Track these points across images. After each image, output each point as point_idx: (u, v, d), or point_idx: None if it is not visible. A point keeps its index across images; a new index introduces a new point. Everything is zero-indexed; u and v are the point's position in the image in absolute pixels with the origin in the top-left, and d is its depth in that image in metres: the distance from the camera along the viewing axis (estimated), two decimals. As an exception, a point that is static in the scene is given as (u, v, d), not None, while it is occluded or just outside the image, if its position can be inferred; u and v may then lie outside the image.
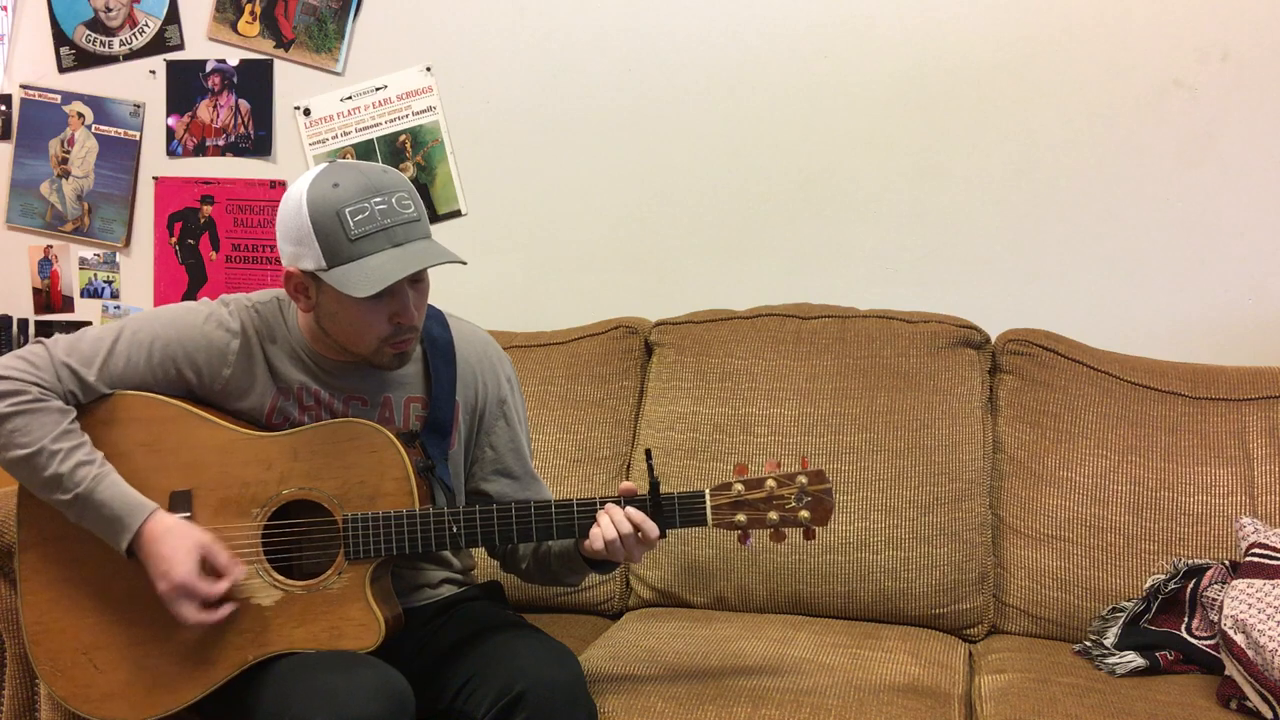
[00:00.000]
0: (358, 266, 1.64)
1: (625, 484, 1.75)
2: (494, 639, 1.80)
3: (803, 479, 1.73)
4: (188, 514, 1.75)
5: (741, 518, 1.73)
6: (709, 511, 1.73)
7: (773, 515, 1.73)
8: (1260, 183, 2.54)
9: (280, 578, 1.75)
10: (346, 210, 1.64)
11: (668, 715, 1.81)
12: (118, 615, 1.77)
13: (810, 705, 1.83)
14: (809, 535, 1.74)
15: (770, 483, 1.73)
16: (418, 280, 1.74)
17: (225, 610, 1.71)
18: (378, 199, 1.66)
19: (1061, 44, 2.58)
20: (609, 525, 1.70)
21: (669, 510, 1.73)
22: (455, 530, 1.74)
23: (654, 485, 1.73)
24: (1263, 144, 2.53)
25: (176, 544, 1.69)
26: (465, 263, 1.71)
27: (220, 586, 1.70)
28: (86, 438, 1.73)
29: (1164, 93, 2.56)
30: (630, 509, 1.72)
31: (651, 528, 1.71)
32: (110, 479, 1.70)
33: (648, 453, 1.80)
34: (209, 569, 1.71)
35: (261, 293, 1.86)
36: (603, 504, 1.73)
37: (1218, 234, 2.57)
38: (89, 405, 1.76)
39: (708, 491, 1.73)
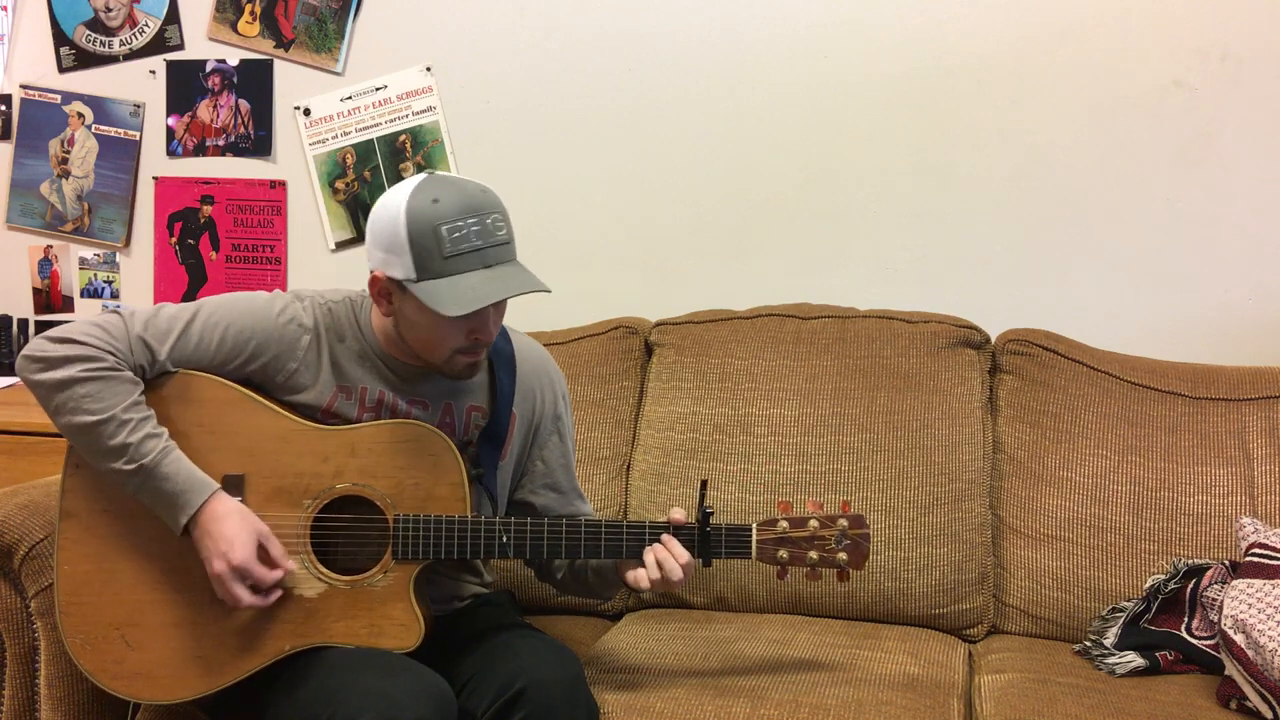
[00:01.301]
0: (449, 284, 1.66)
1: (676, 511, 1.78)
2: (495, 639, 1.81)
3: (844, 522, 1.80)
4: (239, 499, 1.76)
5: (784, 554, 1.80)
6: (754, 546, 1.79)
7: (813, 555, 1.80)
8: (1260, 183, 2.54)
9: (325, 571, 1.76)
10: (444, 227, 1.66)
11: (668, 715, 1.81)
12: (155, 595, 1.77)
13: (809, 705, 1.83)
14: (843, 577, 1.82)
15: (813, 523, 1.80)
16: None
17: (274, 597, 1.73)
18: (474, 219, 1.68)
19: (1061, 44, 2.58)
20: (654, 566, 1.75)
21: (715, 541, 1.78)
22: (505, 540, 1.76)
23: (705, 516, 1.77)
24: (1263, 144, 2.53)
25: (239, 527, 1.70)
26: (549, 290, 1.74)
27: (276, 574, 1.72)
28: (153, 412, 1.73)
29: (1164, 93, 2.56)
30: (675, 545, 1.75)
31: (683, 556, 1.75)
32: (175, 454, 1.71)
33: (703, 484, 1.82)
34: (262, 558, 1.72)
35: (335, 291, 1.88)
36: (652, 529, 1.76)
37: (1218, 234, 2.57)
38: (153, 381, 1.77)
39: (755, 526, 1.79)
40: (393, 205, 1.69)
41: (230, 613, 1.75)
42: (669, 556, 1.74)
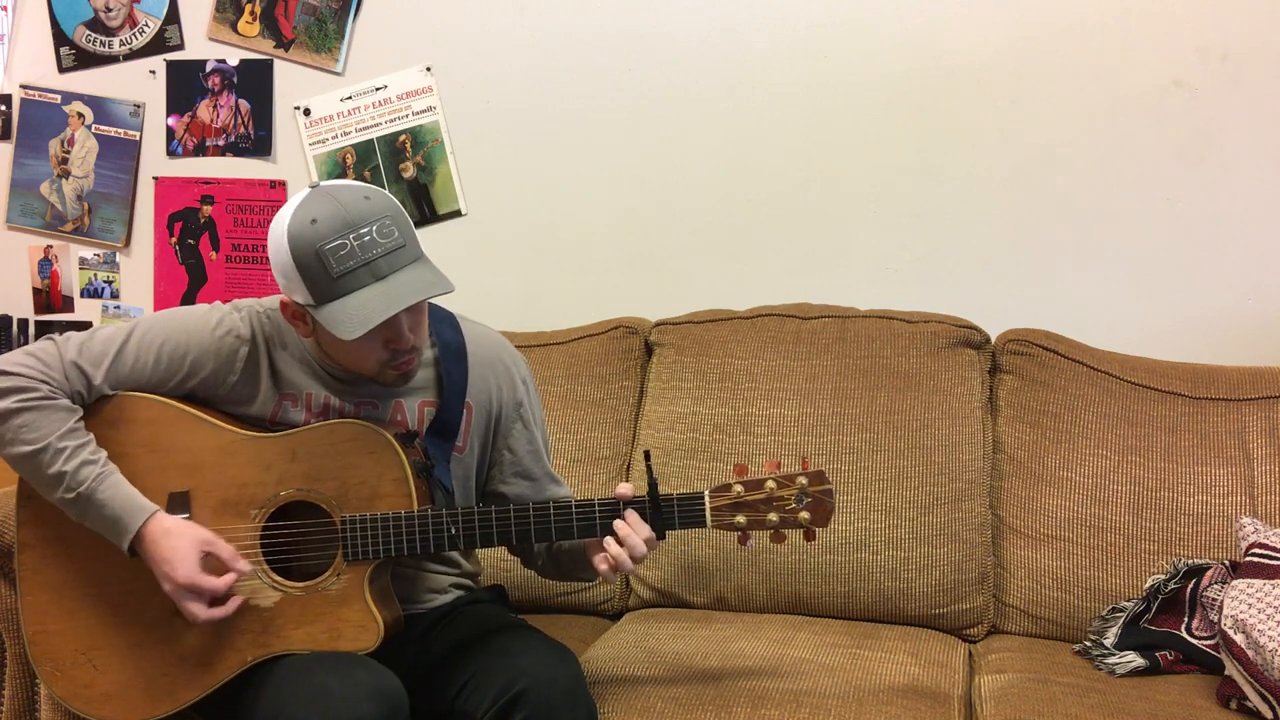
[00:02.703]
0: (342, 306, 1.64)
1: (623, 486, 1.75)
2: (494, 639, 1.80)
3: (803, 480, 1.72)
4: (186, 515, 1.75)
5: (741, 519, 1.72)
6: (708, 513, 1.72)
7: (772, 516, 1.72)
8: (1260, 183, 2.54)
9: (279, 579, 1.75)
10: (326, 248, 1.63)
11: (667, 715, 1.81)
12: (117, 616, 1.77)
13: (810, 705, 1.83)
14: (809, 536, 1.73)
15: (770, 484, 1.72)
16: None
17: (234, 604, 1.72)
18: (355, 233, 1.64)
19: (1061, 44, 2.58)
20: (616, 550, 1.71)
21: (668, 512, 1.73)
22: (454, 532, 1.74)
23: (653, 486, 1.73)
24: (1263, 144, 2.53)
25: (176, 544, 1.69)
26: (451, 289, 1.68)
27: (225, 580, 1.71)
28: (91, 437, 1.73)
29: (1164, 93, 2.56)
30: (631, 514, 1.72)
31: (649, 536, 1.72)
32: (112, 479, 1.71)
33: (646, 454, 1.79)
34: (213, 565, 1.71)
35: (275, 298, 1.85)
36: (601, 506, 1.73)
37: (1218, 234, 2.57)
38: (91, 406, 1.77)
39: (707, 493, 1.73)
40: (278, 231, 1.68)
41: (190, 629, 1.75)
42: (630, 533, 1.71)
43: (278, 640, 1.74)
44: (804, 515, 1.72)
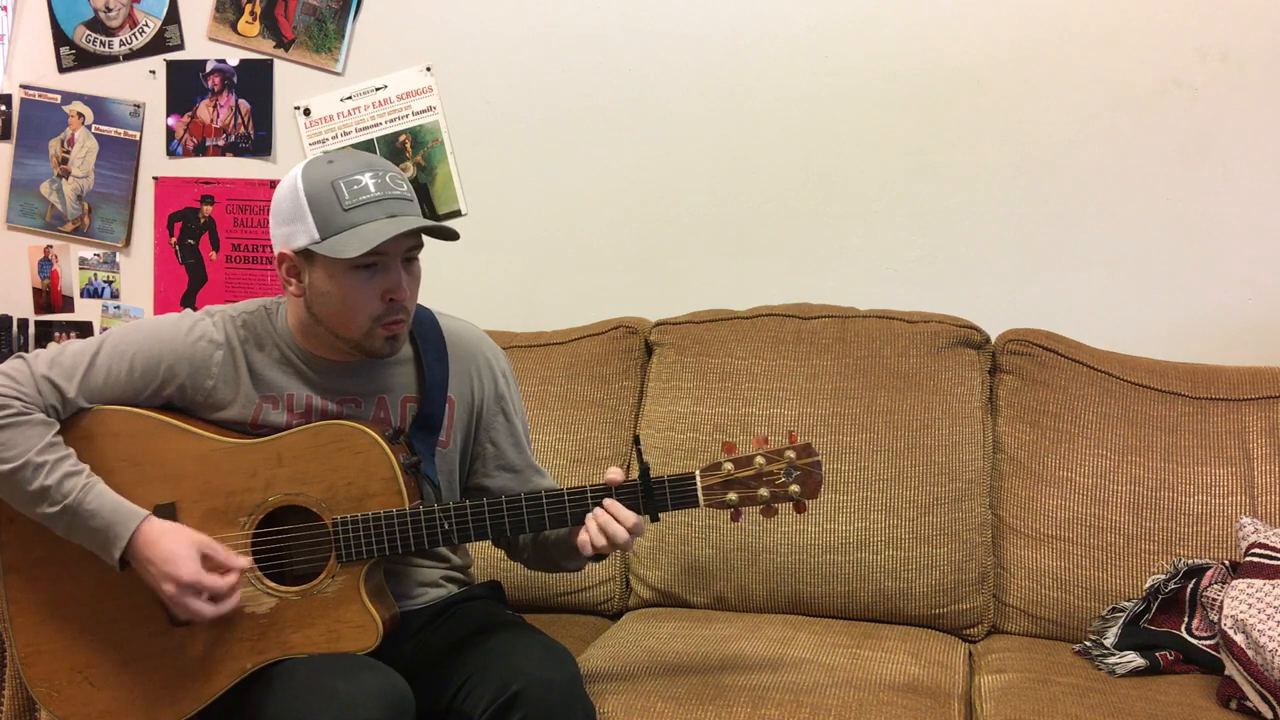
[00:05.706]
0: (348, 233, 1.67)
1: (613, 471, 1.74)
2: (492, 639, 1.80)
3: (791, 453, 1.73)
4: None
5: (733, 496, 1.72)
6: (700, 493, 1.72)
7: (763, 491, 1.72)
8: (1260, 183, 2.54)
9: (273, 585, 1.75)
10: (341, 181, 1.68)
11: (667, 715, 1.81)
12: (111, 632, 1.76)
13: (810, 705, 1.83)
14: (800, 509, 1.74)
15: (759, 459, 1.72)
16: (410, 260, 1.75)
17: (235, 599, 1.71)
18: (371, 174, 1.69)
19: (1061, 44, 2.58)
20: (597, 531, 1.70)
21: (660, 494, 1.73)
22: (448, 527, 1.74)
23: (644, 469, 1.73)
24: (1263, 144, 2.53)
25: (175, 544, 1.68)
26: (457, 236, 1.73)
27: (228, 579, 1.70)
28: (71, 451, 1.71)
29: (1164, 93, 2.56)
30: (610, 503, 1.71)
31: (629, 519, 1.70)
32: (99, 489, 1.69)
33: (636, 438, 1.80)
34: (210, 566, 1.70)
35: (246, 303, 1.86)
36: (593, 493, 1.73)
37: (1218, 234, 2.57)
38: (67, 421, 1.75)
39: (698, 472, 1.73)
40: (290, 178, 1.72)
41: (188, 639, 1.74)
42: (610, 519, 1.70)
43: (276, 646, 1.73)
44: (794, 488, 1.72)
